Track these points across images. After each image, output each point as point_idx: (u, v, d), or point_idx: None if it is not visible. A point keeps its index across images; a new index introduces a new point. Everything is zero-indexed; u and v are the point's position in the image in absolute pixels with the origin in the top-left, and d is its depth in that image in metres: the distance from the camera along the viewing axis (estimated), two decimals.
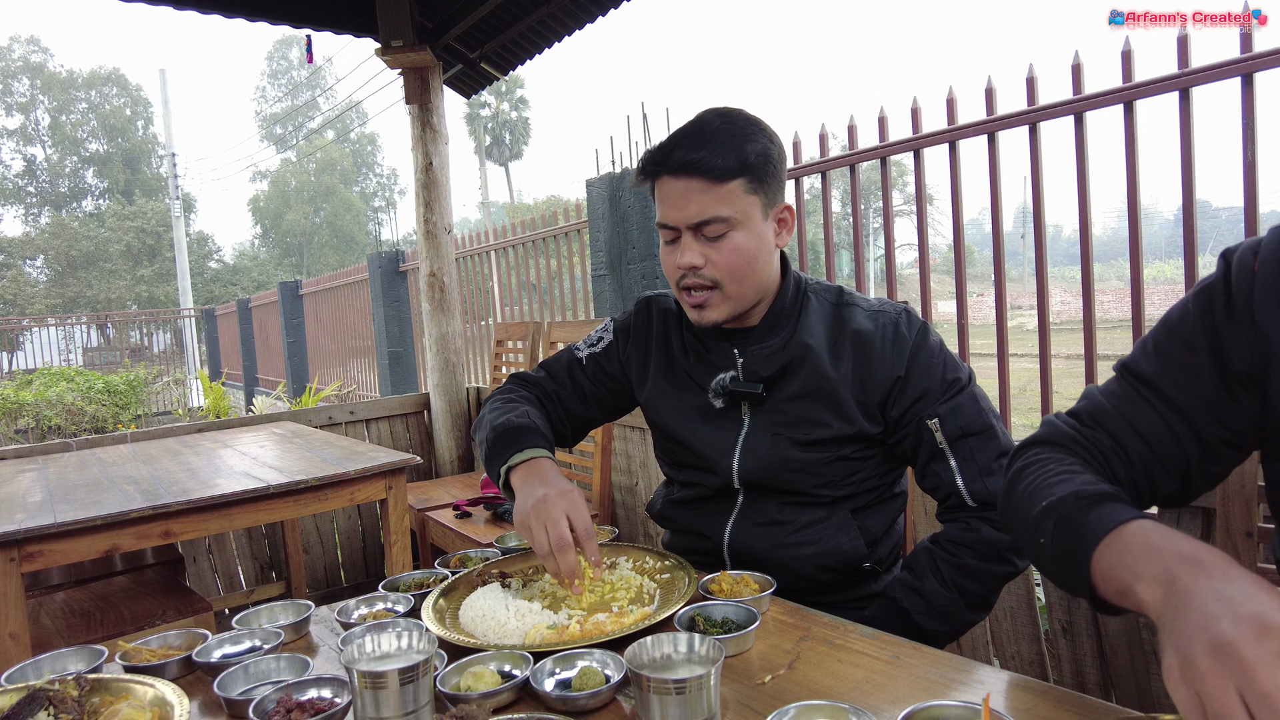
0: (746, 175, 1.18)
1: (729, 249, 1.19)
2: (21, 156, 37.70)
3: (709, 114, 1.22)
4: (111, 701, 0.85)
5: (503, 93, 42.13)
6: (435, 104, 3.69)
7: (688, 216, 1.19)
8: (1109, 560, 0.70)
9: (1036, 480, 0.85)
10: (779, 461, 1.25)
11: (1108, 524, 0.72)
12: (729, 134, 1.18)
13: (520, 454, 1.24)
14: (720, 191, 1.17)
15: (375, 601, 1.16)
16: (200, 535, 2.19)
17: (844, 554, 1.25)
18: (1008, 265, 2.48)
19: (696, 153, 1.16)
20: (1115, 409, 0.87)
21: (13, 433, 9.17)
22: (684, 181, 1.18)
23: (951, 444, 1.20)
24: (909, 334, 1.24)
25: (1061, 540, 0.76)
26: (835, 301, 1.30)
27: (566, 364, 1.47)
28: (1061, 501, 0.78)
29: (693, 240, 1.20)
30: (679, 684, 0.75)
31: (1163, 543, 0.67)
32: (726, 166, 1.17)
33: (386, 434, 3.95)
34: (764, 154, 1.19)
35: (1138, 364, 0.86)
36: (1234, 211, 40.40)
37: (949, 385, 1.22)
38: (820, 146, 2.71)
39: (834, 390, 1.23)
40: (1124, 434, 0.86)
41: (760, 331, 1.29)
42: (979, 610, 1.22)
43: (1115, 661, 1.73)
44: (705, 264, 1.20)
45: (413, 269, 6.18)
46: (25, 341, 16.99)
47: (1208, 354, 0.80)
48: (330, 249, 39.76)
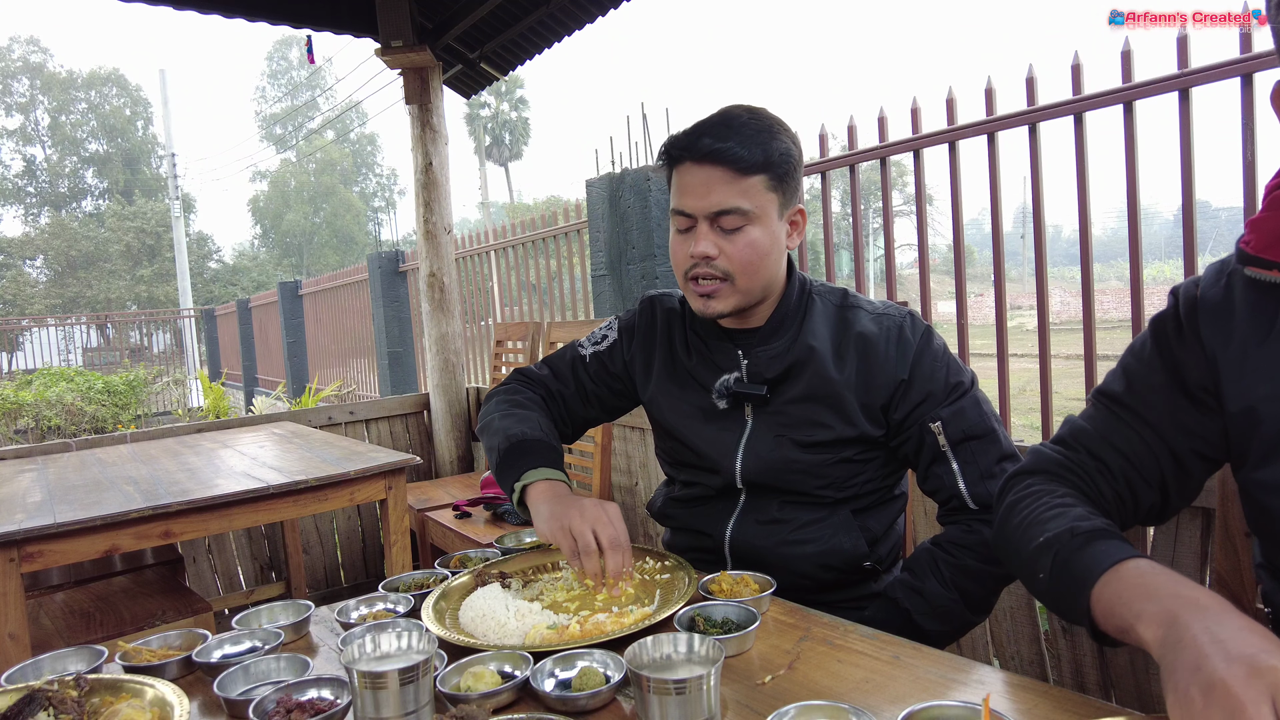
0: (769, 172, 1.18)
1: (744, 242, 1.19)
2: (21, 156, 37.70)
3: (736, 108, 1.22)
4: (111, 702, 0.85)
5: (502, 93, 42.13)
6: (435, 104, 3.69)
7: (708, 205, 1.19)
8: (1108, 598, 0.75)
9: (1031, 514, 0.90)
10: (782, 463, 1.25)
11: (1104, 562, 0.77)
12: (756, 129, 1.18)
13: (534, 472, 1.24)
14: (743, 184, 1.18)
15: (375, 602, 1.16)
16: (200, 535, 2.19)
17: (845, 553, 1.25)
18: (1007, 265, 2.48)
19: (724, 142, 1.16)
20: (1095, 429, 0.95)
21: (12, 433, 9.17)
22: (707, 170, 1.18)
23: (954, 447, 1.20)
24: (913, 337, 1.24)
25: (1060, 576, 0.81)
26: (840, 304, 1.30)
27: (570, 362, 1.47)
28: (1058, 537, 0.83)
29: (709, 230, 1.20)
30: (679, 684, 0.75)
31: (1161, 584, 0.71)
32: (752, 160, 1.17)
33: (386, 434, 3.95)
34: (787, 154, 1.20)
35: (1111, 387, 0.95)
36: (1234, 212, 40.37)
37: (952, 389, 1.22)
38: (820, 147, 2.71)
39: (837, 393, 1.23)
40: (1104, 451, 0.93)
41: (765, 333, 1.28)
42: (979, 612, 1.22)
43: (1115, 662, 1.73)
44: (719, 255, 1.20)
45: (412, 269, 6.18)
46: (25, 342, 16.99)
47: (1167, 373, 0.90)
48: (330, 249, 39.74)
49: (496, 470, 1.30)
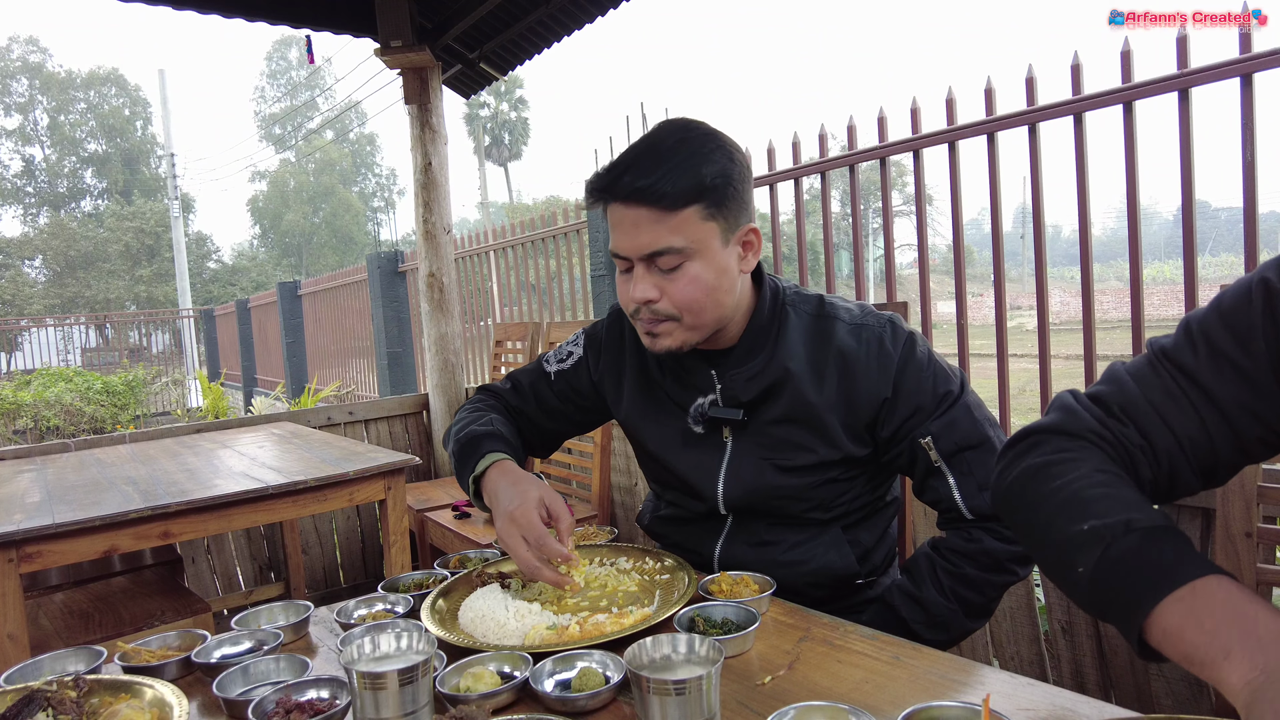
0: (703, 200, 1.08)
1: (685, 281, 1.11)
2: (20, 156, 37.71)
3: (664, 130, 1.13)
4: (110, 702, 0.85)
5: (502, 93, 42.14)
6: (434, 104, 3.69)
7: (639, 247, 1.10)
8: (1181, 616, 0.64)
9: (1068, 488, 0.75)
10: (765, 489, 1.22)
11: (1180, 574, 0.65)
12: (684, 154, 1.08)
13: (482, 461, 1.23)
14: (674, 221, 1.08)
15: (374, 602, 1.16)
16: (199, 536, 2.18)
17: (836, 571, 1.23)
18: (1007, 265, 2.48)
19: (647, 178, 1.07)
20: (1148, 401, 0.78)
21: (11, 433, 9.16)
22: (634, 210, 1.09)
23: (948, 460, 1.15)
24: (894, 350, 1.17)
25: (1110, 576, 0.69)
26: (815, 313, 1.22)
27: (533, 380, 1.42)
28: (1110, 528, 0.70)
29: (646, 272, 1.12)
30: (679, 685, 0.75)
31: (1260, 616, 0.61)
32: (679, 193, 1.07)
33: (385, 434, 3.94)
34: (723, 175, 1.10)
35: (1179, 352, 0.78)
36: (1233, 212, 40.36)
37: (941, 399, 1.16)
38: (820, 147, 2.71)
39: (818, 416, 1.18)
40: (1155, 431, 0.78)
41: (738, 354, 1.21)
42: (978, 618, 1.20)
43: (1115, 662, 1.73)
44: (660, 297, 1.12)
45: (412, 269, 6.18)
46: (24, 342, 17.00)
47: (1266, 348, 0.72)
48: (329, 249, 39.74)
49: (458, 478, 1.29)
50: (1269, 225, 28.13)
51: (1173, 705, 1.64)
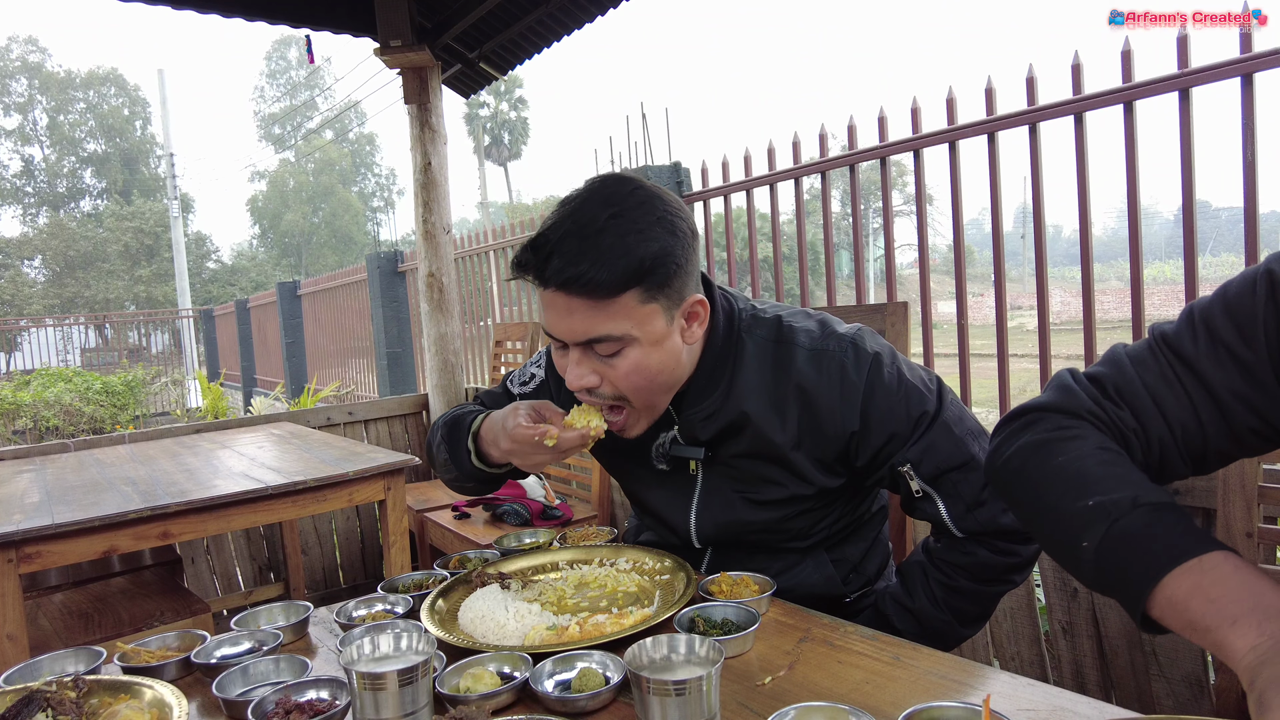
0: (641, 284, 0.99)
1: (626, 367, 1.03)
2: (19, 156, 37.70)
3: (593, 203, 1.01)
4: (110, 703, 0.85)
5: (501, 93, 42.14)
6: (434, 104, 3.68)
7: (573, 334, 1.03)
8: (1187, 589, 0.65)
9: (1071, 462, 0.75)
10: (737, 523, 1.19)
11: (1186, 550, 0.66)
12: (618, 234, 0.98)
13: (475, 422, 1.22)
14: (609, 309, 1.00)
15: (374, 603, 1.16)
16: (198, 536, 2.18)
17: (820, 595, 1.21)
18: (1008, 265, 2.48)
19: (575, 266, 0.97)
20: (1145, 385, 0.79)
21: (10, 433, 9.16)
22: (565, 298, 1.00)
23: (931, 484, 1.10)
24: (859, 378, 1.09)
25: (1116, 550, 0.69)
26: (773, 339, 1.14)
27: (499, 401, 1.38)
28: (1116, 504, 0.70)
29: (583, 356, 1.04)
30: (679, 685, 0.75)
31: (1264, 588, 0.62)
32: (613, 281, 0.97)
33: (385, 435, 3.94)
34: (662, 253, 1.00)
35: (1180, 340, 0.78)
36: (1234, 211, 40.41)
37: (916, 422, 1.09)
38: (820, 146, 2.71)
39: (783, 455, 1.12)
40: (1149, 417, 0.79)
41: (695, 392, 1.14)
42: (974, 625, 1.19)
43: (1115, 662, 1.73)
44: (601, 382, 1.05)
45: (411, 269, 6.18)
46: (23, 342, 17.00)
47: (1267, 340, 0.72)
48: (329, 249, 39.74)
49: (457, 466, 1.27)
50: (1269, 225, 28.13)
51: (1174, 706, 1.64)
